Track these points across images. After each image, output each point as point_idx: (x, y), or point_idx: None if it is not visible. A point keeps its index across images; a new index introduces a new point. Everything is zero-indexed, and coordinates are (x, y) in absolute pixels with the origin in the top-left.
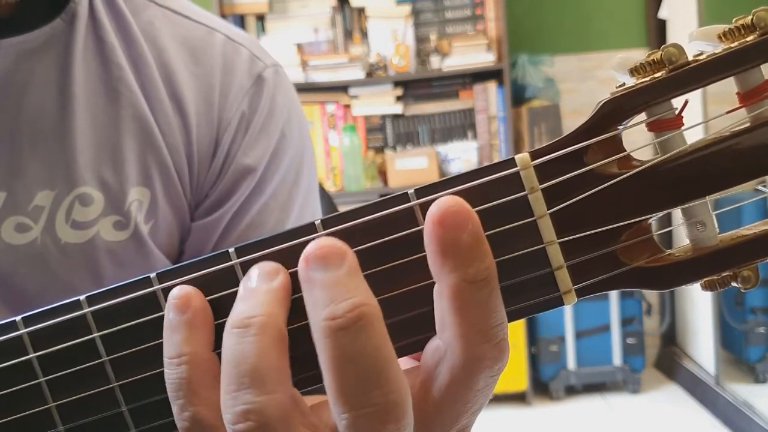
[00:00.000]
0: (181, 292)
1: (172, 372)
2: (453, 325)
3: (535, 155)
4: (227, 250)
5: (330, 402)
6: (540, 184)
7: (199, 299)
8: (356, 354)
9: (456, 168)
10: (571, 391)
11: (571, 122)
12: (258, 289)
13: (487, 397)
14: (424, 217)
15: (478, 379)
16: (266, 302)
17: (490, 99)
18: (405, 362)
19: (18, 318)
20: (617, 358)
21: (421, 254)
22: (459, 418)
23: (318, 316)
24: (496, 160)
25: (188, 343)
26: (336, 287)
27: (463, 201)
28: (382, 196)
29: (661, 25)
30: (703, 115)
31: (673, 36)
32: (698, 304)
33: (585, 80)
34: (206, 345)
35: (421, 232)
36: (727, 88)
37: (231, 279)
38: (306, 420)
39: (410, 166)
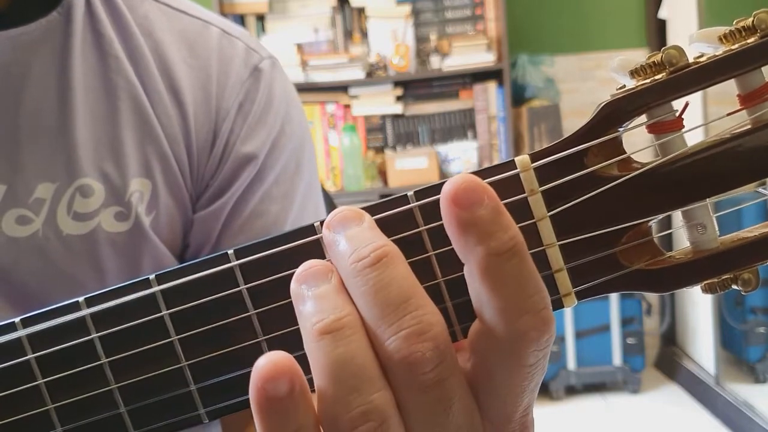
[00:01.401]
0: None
1: None
2: (489, 303)
3: (535, 157)
4: (226, 252)
5: (373, 336)
6: (540, 186)
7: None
8: (386, 283)
9: (456, 168)
10: (571, 391)
11: (571, 122)
12: (324, 290)
13: (543, 372)
14: (423, 219)
15: (527, 354)
16: (341, 301)
17: (490, 99)
18: None
19: (17, 319)
20: (617, 358)
21: (423, 255)
22: (518, 398)
23: (346, 263)
24: (496, 160)
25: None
26: (359, 237)
27: (475, 177)
28: (382, 196)
29: (661, 25)
30: (704, 116)
31: (673, 36)
32: (698, 304)
33: (585, 80)
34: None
35: (421, 233)
36: (728, 88)
37: (230, 281)
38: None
39: (410, 166)
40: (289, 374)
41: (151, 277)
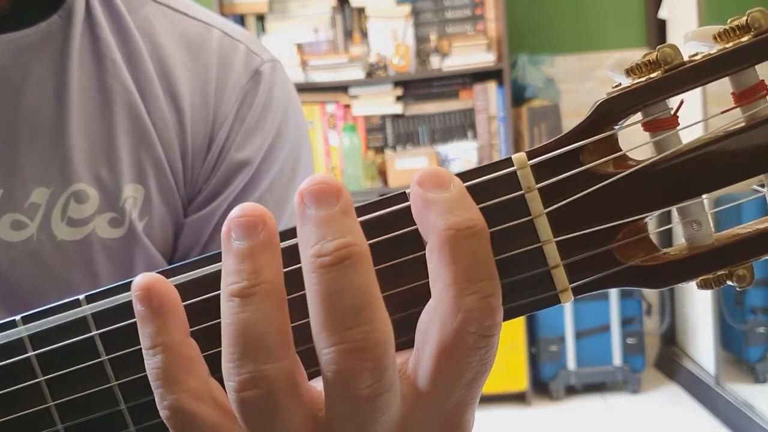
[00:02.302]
0: (142, 281)
1: (149, 363)
2: (440, 277)
3: (531, 155)
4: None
5: (314, 337)
6: (537, 184)
7: (162, 285)
8: (340, 290)
9: (456, 168)
10: (571, 391)
11: (571, 122)
12: (248, 248)
13: (485, 369)
14: None
15: (467, 334)
16: (263, 265)
17: (490, 99)
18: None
19: (17, 317)
20: (617, 358)
21: (420, 252)
22: (453, 384)
23: (307, 252)
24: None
25: (160, 333)
26: (327, 225)
27: (444, 170)
28: (382, 196)
29: (661, 25)
30: (704, 115)
31: (672, 36)
32: (698, 304)
33: (585, 80)
34: (180, 331)
35: (417, 230)
36: (728, 88)
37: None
38: (307, 389)
39: (410, 166)
40: (156, 291)
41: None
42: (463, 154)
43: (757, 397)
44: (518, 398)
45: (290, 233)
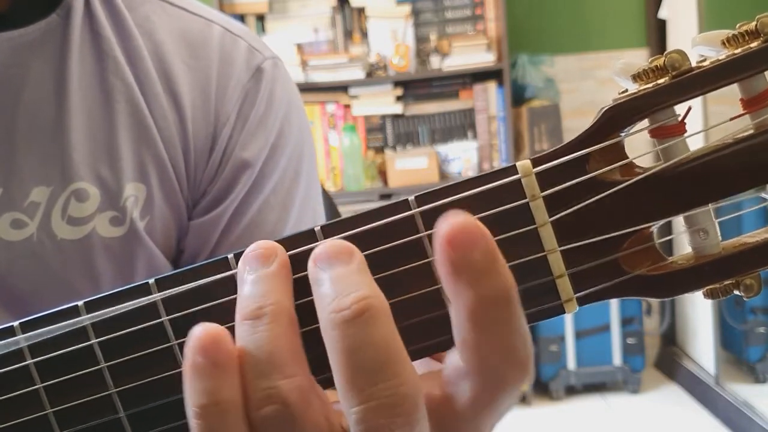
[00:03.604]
0: (209, 333)
1: (196, 423)
2: (473, 348)
3: (536, 162)
4: (226, 257)
5: (340, 398)
6: (541, 192)
7: (228, 341)
8: (362, 345)
9: (456, 168)
10: (571, 391)
11: (571, 122)
12: (259, 276)
13: (510, 408)
14: (424, 224)
15: (503, 399)
16: (272, 290)
17: (490, 99)
18: (425, 364)
19: (16, 324)
20: (617, 358)
21: (422, 261)
22: (480, 430)
23: (325, 310)
24: (496, 161)
25: (215, 392)
26: (343, 282)
27: (472, 218)
28: (382, 196)
29: (661, 25)
30: (704, 116)
31: (673, 36)
32: (698, 304)
33: (585, 80)
34: (233, 386)
35: (421, 239)
36: (729, 87)
37: (230, 287)
38: (323, 404)
39: (410, 166)
40: (222, 344)
41: (151, 281)
42: (463, 154)
43: (757, 397)
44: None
45: (288, 242)
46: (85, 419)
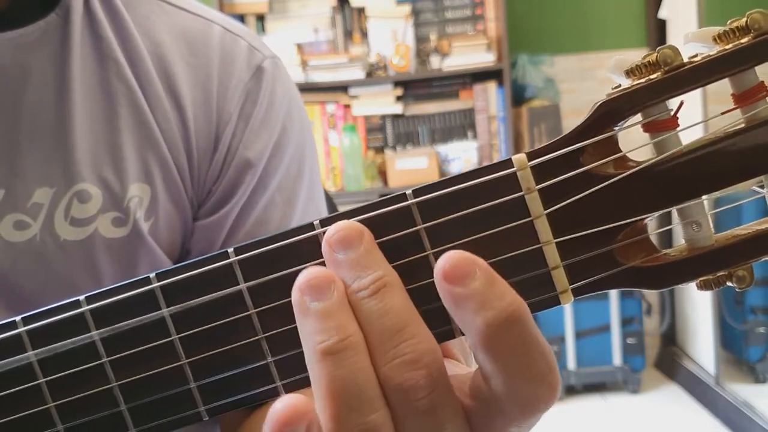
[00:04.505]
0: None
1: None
2: (494, 373)
3: (531, 156)
4: (226, 250)
5: (372, 360)
6: (537, 185)
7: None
8: (384, 311)
9: (456, 168)
10: (571, 391)
11: (571, 122)
12: (326, 307)
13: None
14: (421, 218)
15: (531, 419)
16: (346, 321)
17: (490, 99)
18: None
19: (17, 318)
20: (617, 358)
21: (421, 254)
22: None
23: (348, 291)
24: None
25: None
26: (358, 265)
27: (465, 253)
28: (382, 196)
29: (661, 25)
30: (704, 115)
31: (673, 36)
32: (698, 304)
33: (585, 80)
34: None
35: (418, 232)
36: (728, 87)
37: (230, 279)
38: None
39: (410, 166)
40: (305, 418)
41: (152, 275)
42: (463, 154)
43: (757, 397)
44: None
45: (288, 234)
46: (87, 413)
